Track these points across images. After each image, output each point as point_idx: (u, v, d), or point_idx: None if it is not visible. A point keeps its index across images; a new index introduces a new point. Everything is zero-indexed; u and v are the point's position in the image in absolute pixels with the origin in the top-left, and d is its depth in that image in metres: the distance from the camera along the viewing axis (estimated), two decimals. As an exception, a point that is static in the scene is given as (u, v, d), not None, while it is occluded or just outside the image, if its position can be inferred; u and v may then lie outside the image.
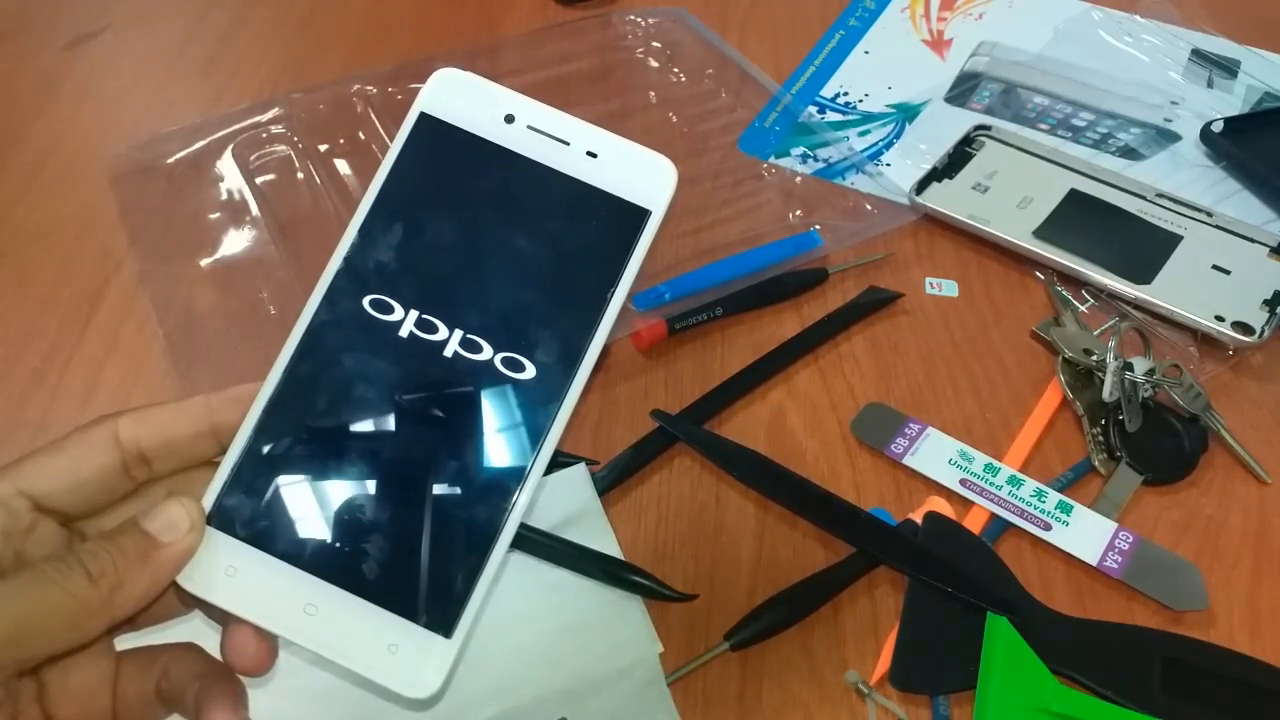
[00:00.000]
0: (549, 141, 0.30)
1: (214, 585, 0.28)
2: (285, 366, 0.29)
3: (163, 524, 0.27)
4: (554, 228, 0.30)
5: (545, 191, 0.30)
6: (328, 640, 0.28)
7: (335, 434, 0.29)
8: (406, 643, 0.28)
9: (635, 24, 0.69)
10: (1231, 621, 0.41)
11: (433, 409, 0.29)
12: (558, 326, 0.30)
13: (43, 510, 0.27)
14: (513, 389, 0.29)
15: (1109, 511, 0.44)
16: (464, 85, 0.31)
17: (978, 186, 0.57)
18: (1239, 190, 0.59)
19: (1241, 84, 0.66)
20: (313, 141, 0.59)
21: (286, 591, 0.28)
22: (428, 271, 0.30)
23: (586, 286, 0.30)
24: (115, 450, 0.28)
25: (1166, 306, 0.51)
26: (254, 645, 0.28)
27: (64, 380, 0.49)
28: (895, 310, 0.53)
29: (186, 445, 0.29)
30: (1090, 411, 0.48)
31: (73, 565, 0.25)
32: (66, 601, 0.25)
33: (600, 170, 0.30)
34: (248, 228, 0.55)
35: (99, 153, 0.59)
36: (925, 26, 0.71)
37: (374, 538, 0.28)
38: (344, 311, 0.29)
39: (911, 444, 0.46)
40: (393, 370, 0.29)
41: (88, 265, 0.54)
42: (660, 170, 0.30)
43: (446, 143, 0.30)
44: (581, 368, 0.29)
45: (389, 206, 0.30)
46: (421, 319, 0.29)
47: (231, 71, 0.66)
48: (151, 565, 0.26)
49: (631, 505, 0.45)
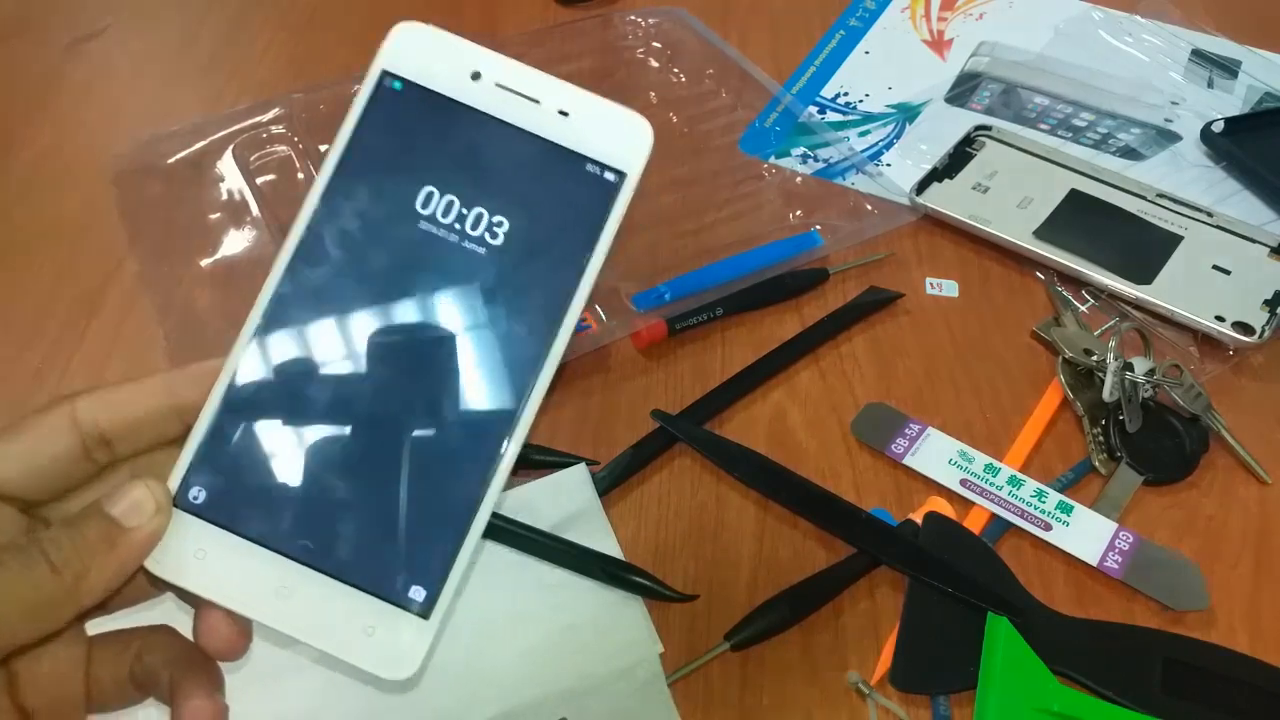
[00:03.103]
0: (518, 100, 0.29)
1: (184, 569, 0.27)
2: (248, 341, 0.28)
3: (127, 507, 0.26)
4: (524, 192, 0.29)
5: (515, 153, 0.29)
6: (302, 623, 0.27)
7: (302, 410, 0.28)
8: (383, 624, 0.27)
9: (636, 24, 0.69)
10: (1232, 622, 0.41)
11: (403, 383, 0.28)
12: (532, 296, 0.28)
13: (1, 497, 0.26)
14: (487, 360, 0.28)
15: (1109, 512, 0.44)
16: (428, 40, 0.29)
17: (978, 187, 0.57)
18: (1239, 190, 0.59)
19: (1242, 84, 0.66)
20: (313, 142, 0.59)
21: (258, 574, 0.27)
22: (395, 239, 0.28)
23: (560, 254, 0.29)
24: (74, 432, 0.27)
25: (1167, 307, 0.51)
26: (226, 629, 0.27)
27: (65, 380, 0.49)
28: (896, 310, 0.53)
29: (148, 425, 0.28)
30: (1091, 412, 0.48)
31: (34, 555, 0.24)
32: (29, 593, 0.24)
33: (572, 130, 0.29)
34: (248, 228, 0.55)
35: (99, 153, 0.59)
36: (925, 27, 0.71)
37: (347, 516, 0.27)
38: (307, 282, 0.28)
39: (912, 444, 0.46)
40: (359, 343, 0.28)
41: (88, 265, 0.54)
42: (636, 129, 0.29)
43: (409, 102, 0.29)
44: (558, 340, 0.28)
45: (352, 171, 0.29)
46: (388, 289, 0.28)
47: (232, 72, 0.66)
48: (117, 551, 0.25)
49: (632, 505, 0.45)
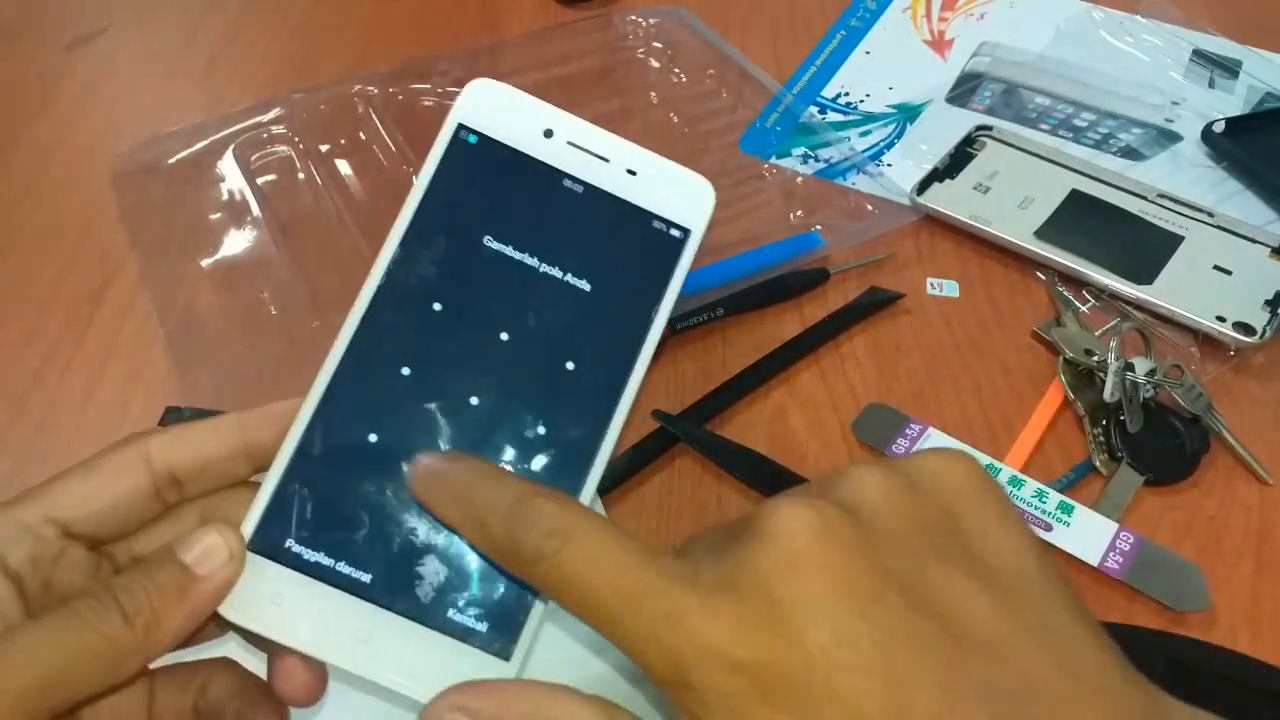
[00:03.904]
0: (589, 158, 0.30)
1: (260, 614, 0.26)
2: (325, 382, 0.28)
3: (200, 554, 0.25)
4: (595, 246, 0.30)
5: (586, 208, 0.30)
6: (383, 667, 0.26)
7: (382, 452, 0.28)
8: (465, 667, 0.26)
9: (636, 24, 0.69)
10: (1233, 622, 0.41)
11: (481, 425, 0.28)
12: (602, 347, 0.29)
13: (71, 535, 0.26)
14: (561, 405, 0.29)
15: (1110, 512, 0.44)
16: (500, 97, 0.30)
17: (979, 187, 0.57)
18: (1240, 190, 0.59)
19: (1243, 84, 0.66)
20: (314, 142, 0.59)
21: (337, 618, 0.26)
22: (471, 287, 0.29)
23: (629, 306, 0.29)
24: (146, 472, 0.27)
25: (1168, 307, 0.51)
26: (303, 674, 0.27)
27: (65, 381, 0.49)
28: (896, 310, 0.53)
29: (219, 466, 0.28)
30: (1091, 412, 0.48)
31: (108, 604, 0.24)
32: (102, 645, 0.23)
33: (639, 188, 0.30)
34: (249, 228, 0.54)
35: (100, 153, 0.59)
36: (926, 27, 0.71)
37: (427, 559, 0.27)
38: (385, 326, 0.28)
39: (913, 444, 0.46)
40: (437, 384, 0.28)
41: (88, 266, 0.54)
42: (698, 189, 0.30)
43: (485, 155, 0.29)
44: (628, 388, 0.29)
45: (428, 217, 0.29)
46: (465, 331, 0.29)
47: (232, 72, 0.66)
48: (190, 600, 0.25)
49: (632, 506, 0.45)
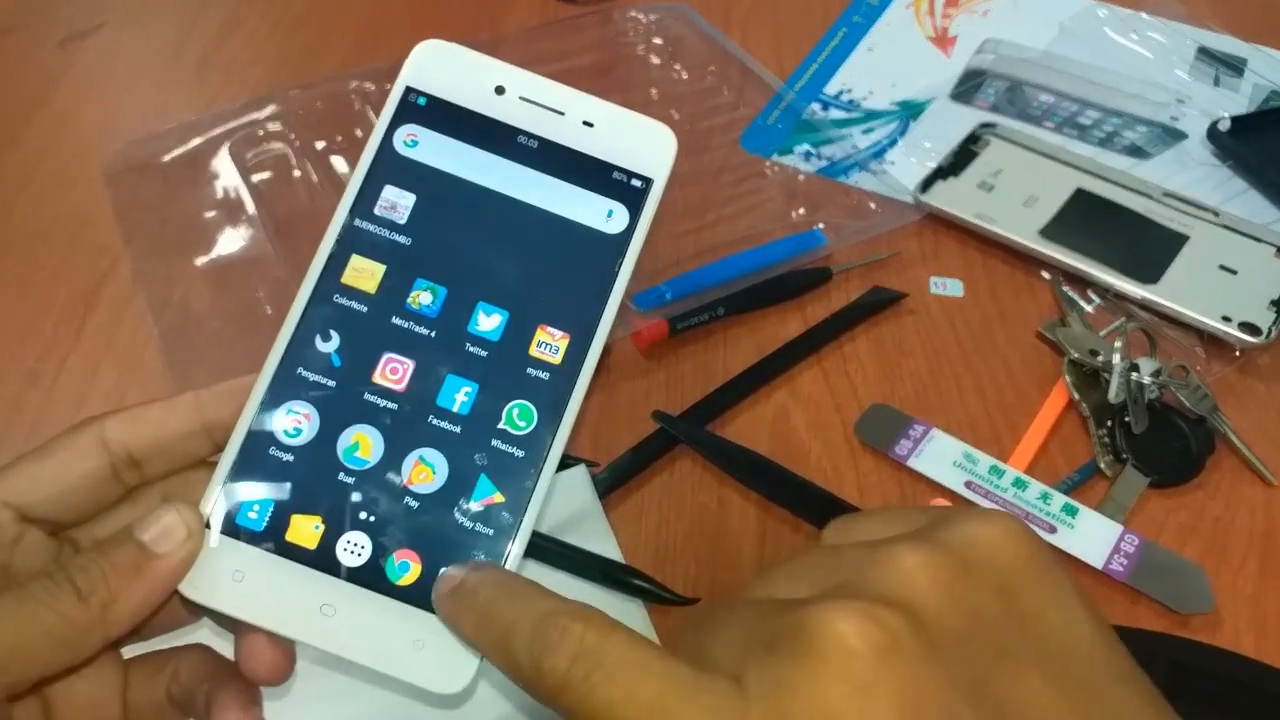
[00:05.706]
0: (543, 112, 0.29)
1: (221, 592, 0.26)
2: (280, 357, 0.28)
3: (157, 533, 0.25)
4: (555, 200, 0.29)
5: (543, 164, 0.29)
6: (349, 641, 0.26)
7: (339, 424, 0.28)
8: (433, 637, 0.26)
9: (636, 20, 0.68)
10: (1238, 624, 0.41)
11: (442, 392, 0.28)
12: (566, 306, 0.28)
13: (29, 520, 0.26)
14: (522, 370, 0.28)
15: (1115, 514, 0.44)
16: (451, 56, 0.30)
17: (983, 185, 0.57)
18: (1246, 189, 0.58)
19: (1248, 82, 0.65)
20: (309, 139, 0.58)
21: (300, 593, 0.26)
22: (424, 251, 0.29)
23: (592, 262, 0.29)
24: (103, 454, 0.27)
25: (1173, 307, 0.50)
26: (269, 652, 0.26)
27: (59, 380, 0.48)
28: (899, 310, 0.52)
29: (178, 445, 0.28)
30: (1096, 413, 0.47)
31: (61, 583, 0.24)
32: (55, 622, 0.24)
33: (598, 140, 0.29)
34: (244, 226, 0.54)
35: (94, 151, 0.58)
36: (930, 23, 0.70)
37: (390, 530, 0.27)
38: (339, 296, 0.28)
39: (916, 445, 0.46)
40: (393, 354, 0.28)
41: (83, 264, 0.53)
42: (659, 137, 0.29)
43: (435, 117, 0.29)
44: (591, 350, 0.28)
45: (378, 186, 0.29)
46: (421, 300, 0.28)
47: (227, 69, 0.65)
48: (146, 578, 0.25)
49: (632, 507, 0.44)
